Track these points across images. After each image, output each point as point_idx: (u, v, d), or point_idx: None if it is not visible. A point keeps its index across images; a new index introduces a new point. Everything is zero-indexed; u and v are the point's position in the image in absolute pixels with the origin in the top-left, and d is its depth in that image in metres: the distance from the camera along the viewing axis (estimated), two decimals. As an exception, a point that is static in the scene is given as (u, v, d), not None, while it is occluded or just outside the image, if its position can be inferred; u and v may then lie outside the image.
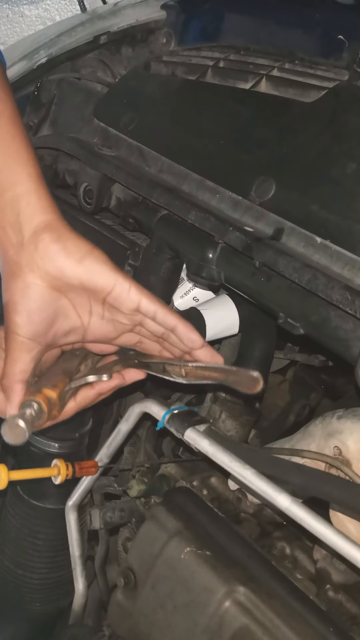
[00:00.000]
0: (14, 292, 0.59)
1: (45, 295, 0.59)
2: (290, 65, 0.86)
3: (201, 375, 0.68)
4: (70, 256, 0.59)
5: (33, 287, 0.58)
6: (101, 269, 0.61)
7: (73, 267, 0.59)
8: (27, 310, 0.59)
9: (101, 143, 0.94)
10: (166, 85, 0.94)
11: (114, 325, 0.65)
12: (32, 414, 0.61)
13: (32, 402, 0.61)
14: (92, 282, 0.60)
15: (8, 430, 0.60)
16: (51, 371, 0.67)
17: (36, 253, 0.58)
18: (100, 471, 0.86)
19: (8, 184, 0.58)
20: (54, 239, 0.59)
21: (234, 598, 0.76)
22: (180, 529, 0.83)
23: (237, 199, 0.77)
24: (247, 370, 0.66)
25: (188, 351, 0.67)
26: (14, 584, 1.00)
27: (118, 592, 0.87)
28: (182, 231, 0.85)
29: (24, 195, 0.58)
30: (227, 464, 0.68)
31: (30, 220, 0.58)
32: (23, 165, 0.59)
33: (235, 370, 0.67)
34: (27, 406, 0.61)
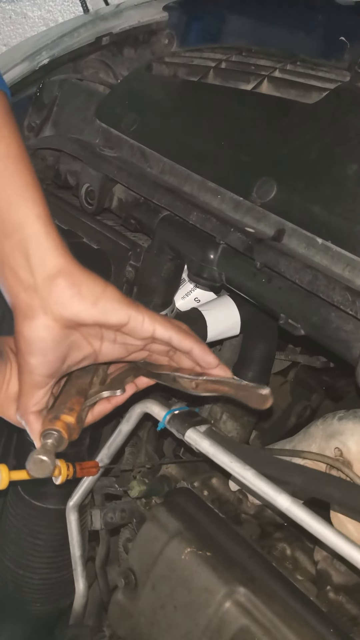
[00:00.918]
0: (28, 333, 0.59)
1: (59, 335, 0.60)
2: (291, 66, 0.86)
3: (211, 389, 0.68)
4: (85, 300, 0.59)
5: (47, 329, 0.59)
6: (114, 307, 0.61)
7: (88, 311, 0.60)
8: (42, 351, 0.60)
9: (103, 144, 0.94)
10: (168, 87, 0.94)
11: (126, 347, 0.66)
12: (54, 443, 0.62)
13: (52, 431, 0.62)
14: (106, 321, 0.61)
15: (34, 467, 0.62)
16: (65, 392, 0.67)
17: (50, 298, 0.58)
18: (101, 472, 0.86)
19: (17, 226, 0.58)
20: (68, 284, 0.58)
21: (234, 599, 0.76)
22: (181, 529, 0.83)
23: (238, 200, 0.78)
24: (257, 387, 0.66)
25: (201, 371, 0.68)
26: (15, 584, 1.00)
27: (118, 593, 0.87)
28: (184, 232, 0.85)
29: (33, 237, 0.58)
30: (228, 465, 0.68)
31: (42, 263, 0.58)
32: (31, 205, 0.59)
33: (245, 386, 0.67)
34: (47, 437, 0.62)
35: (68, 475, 0.80)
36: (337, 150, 0.72)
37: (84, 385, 0.68)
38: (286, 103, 0.80)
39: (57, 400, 0.67)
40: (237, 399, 0.68)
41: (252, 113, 0.82)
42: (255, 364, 1.01)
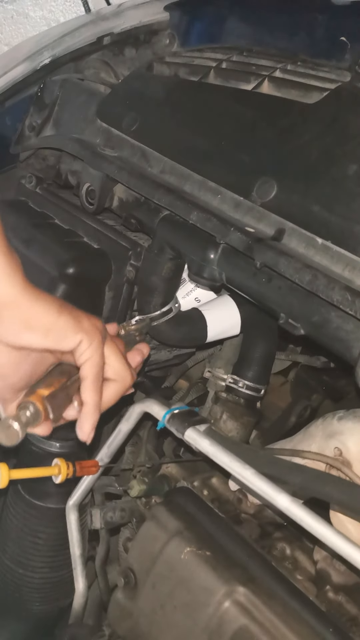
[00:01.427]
0: None
1: (17, 358, 0.61)
2: (292, 66, 0.86)
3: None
4: (35, 332, 0.60)
5: (3, 354, 0.60)
6: (66, 335, 0.61)
7: (38, 341, 0.60)
8: (2, 375, 0.61)
9: (104, 144, 0.95)
10: (169, 86, 0.94)
11: None
12: (28, 415, 0.62)
13: (27, 403, 0.62)
14: (58, 348, 0.62)
15: (1, 433, 0.61)
16: (50, 373, 0.67)
17: (2, 326, 0.59)
18: (101, 471, 0.86)
19: None
20: (16, 317, 0.59)
21: (233, 598, 0.76)
22: (181, 529, 0.84)
23: (238, 200, 0.78)
24: None
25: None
26: (15, 584, 1.00)
27: (118, 592, 0.87)
28: (184, 232, 0.85)
29: None
30: (227, 464, 0.68)
31: None
32: None
33: None
34: (22, 408, 0.62)
35: (68, 474, 0.80)
36: (337, 150, 0.72)
37: (69, 369, 0.68)
38: (286, 103, 0.80)
39: (38, 382, 0.67)
40: None
41: (253, 113, 0.82)
42: (255, 364, 1.01)
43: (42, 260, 0.95)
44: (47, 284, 0.93)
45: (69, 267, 0.92)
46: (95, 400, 0.66)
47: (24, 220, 1.02)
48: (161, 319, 0.89)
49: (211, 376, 1.05)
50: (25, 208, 1.07)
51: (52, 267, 0.93)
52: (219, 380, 1.04)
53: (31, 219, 1.03)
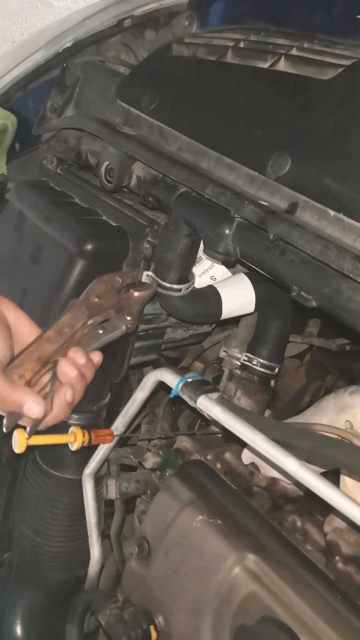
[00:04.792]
0: None
1: None
2: (309, 44, 0.87)
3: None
4: None
5: None
6: None
7: None
8: None
9: (123, 123, 0.96)
10: (187, 66, 0.96)
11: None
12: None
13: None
14: None
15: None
16: (28, 352, 0.72)
17: None
18: (117, 440, 0.88)
19: None
20: None
21: (243, 565, 0.78)
22: (193, 498, 0.85)
23: (253, 175, 0.79)
24: None
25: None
26: (33, 552, 1.03)
27: (132, 560, 0.90)
28: (200, 208, 0.86)
29: None
30: (238, 430, 0.70)
31: None
32: None
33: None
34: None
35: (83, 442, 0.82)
36: (351, 125, 0.72)
37: (47, 351, 0.72)
38: (302, 79, 0.81)
39: (14, 362, 0.70)
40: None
41: (268, 90, 0.83)
42: (270, 342, 1.02)
43: (61, 236, 0.97)
44: (66, 260, 0.96)
45: (87, 243, 0.94)
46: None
47: (45, 199, 1.05)
48: (169, 291, 0.90)
49: (226, 355, 1.07)
50: (46, 187, 1.10)
51: (71, 243, 0.95)
52: (234, 359, 1.05)
53: (52, 198, 1.05)
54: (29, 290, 1.00)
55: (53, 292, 0.96)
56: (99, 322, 0.80)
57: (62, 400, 0.71)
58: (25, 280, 1.01)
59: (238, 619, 0.76)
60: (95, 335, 0.79)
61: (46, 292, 0.97)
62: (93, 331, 0.79)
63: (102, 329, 0.79)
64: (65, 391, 0.71)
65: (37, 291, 0.99)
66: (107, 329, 0.80)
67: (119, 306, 0.83)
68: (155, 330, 1.04)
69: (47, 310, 0.95)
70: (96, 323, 0.80)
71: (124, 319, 0.81)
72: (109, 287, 0.84)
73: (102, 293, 0.83)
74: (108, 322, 0.81)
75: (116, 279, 0.86)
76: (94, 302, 0.81)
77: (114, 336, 0.80)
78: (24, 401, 0.67)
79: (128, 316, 0.82)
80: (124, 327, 0.81)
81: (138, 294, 0.86)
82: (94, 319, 0.79)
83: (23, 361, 0.71)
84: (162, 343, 1.07)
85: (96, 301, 0.81)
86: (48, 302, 0.96)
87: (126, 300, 0.84)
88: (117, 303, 0.83)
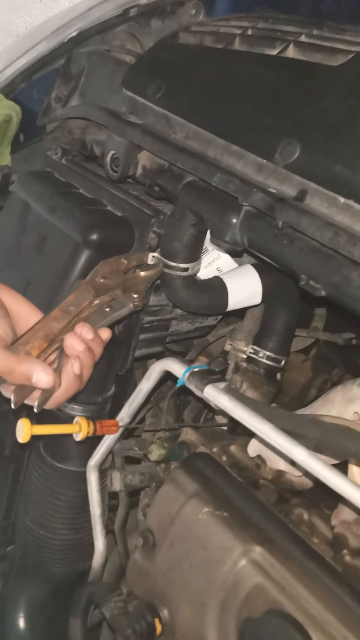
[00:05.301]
0: None
1: None
2: (318, 31, 0.86)
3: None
4: None
5: None
6: None
7: None
8: None
9: (129, 111, 0.95)
10: (194, 54, 0.95)
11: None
12: None
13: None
14: None
15: None
16: (34, 330, 0.71)
17: None
18: (121, 431, 0.87)
19: None
20: None
21: (250, 557, 0.77)
22: (199, 490, 0.85)
23: (261, 162, 0.78)
24: None
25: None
26: (35, 544, 1.02)
27: (136, 553, 0.89)
28: (206, 196, 0.85)
29: None
30: (246, 419, 0.69)
31: None
32: None
33: None
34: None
35: (88, 432, 0.81)
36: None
37: (54, 329, 0.70)
38: (311, 66, 0.80)
39: (20, 340, 0.69)
40: None
41: (277, 77, 0.82)
42: (276, 334, 1.01)
43: (66, 226, 0.96)
44: (71, 250, 0.95)
45: (92, 233, 0.93)
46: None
47: (50, 189, 1.04)
48: (176, 272, 0.89)
49: (232, 348, 1.06)
50: (51, 178, 1.09)
51: (76, 233, 0.94)
52: (240, 352, 1.04)
53: (56, 188, 1.04)
54: (34, 280, 0.99)
55: (58, 282, 0.95)
56: (106, 301, 0.79)
57: (70, 373, 0.70)
58: (29, 270, 1.01)
59: (244, 612, 0.75)
60: (102, 312, 0.78)
61: (51, 282, 0.96)
62: (100, 309, 0.78)
63: (109, 307, 0.79)
64: (73, 363, 0.70)
65: (42, 281, 0.98)
66: (114, 308, 0.79)
67: (125, 286, 0.82)
68: (161, 322, 1.03)
69: (51, 300, 0.94)
70: (103, 302, 0.79)
71: (131, 297, 0.80)
72: (114, 269, 0.83)
73: (108, 274, 0.82)
74: (115, 300, 0.80)
75: (122, 261, 0.85)
76: (100, 283, 0.80)
77: (122, 314, 0.79)
78: (33, 371, 0.65)
79: (135, 294, 0.81)
80: (131, 305, 0.80)
81: (144, 274, 0.85)
82: (101, 298, 0.79)
83: (29, 339, 0.69)
84: (167, 335, 1.06)
85: (102, 281, 0.81)
86: (53, 291, 0.95)
87: (132, 280, 0.84)
88: (123, 283, 0.82)
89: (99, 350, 0.74)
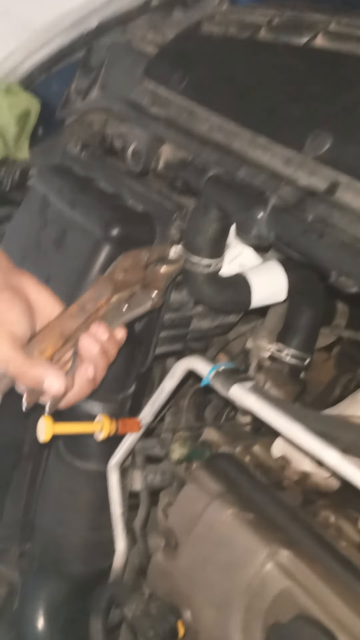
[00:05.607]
0: None
1: None
2: (347, 19, 0.83)
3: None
4: None
5: None
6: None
7: None
8: None
9: (151, 103, 0.93)
10: (218, 44, 0.93)
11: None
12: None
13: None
14: None
15: None
16: (50, 327, 0.69)
17: None
18: (143, 430, 0.85)
19: None
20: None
21: (276, 560, 0.75)
22: (222, 491, 0.83)
23: (290, 154, 0.75)
24: None
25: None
26: (55, 543, 1.01)
27: (158, 553, 0.87)
28: (231, 190, 0.83)
29: None
30: (274, 421, 0.67)
31: None
32: None
33: None
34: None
35: (110, 431, 0.80)
36: None
37: (69, 327, 0.69)
38: (341, 56, 0.78)
39: (36, 337, 0.67)
40: None
41: (306, 67, 0.80)
42: (300, 332, 0.99)
43: (87, 221, 0.95)
44: (91, 245, 0.93)
45: (113, 228, 0.92)
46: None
47: (69, 184, 1.02)
48: (199, 268, 0.87)
49: (254, 346, 1.04)
50: (70, 172, 1.07)
51: (97, 229, 0.93)
52: (263, 350, 1.02)
53: (76, 183, 1.03)
54: (53, 276, 0.98)
55: (78, 278, 0.93)
56: (124, 298, 0.78)
57: (84, 377, 0.68)
58: (49, 265, 0.99)
59: (270, 617, 0.73)
60: (120, 311, 0.76)
61: (71, 278, 0.94)
62: (117, 307, 0.76)
63: (127, 304, 0.77)
64: (87, 367, 0.68)
65: (62, 277, 0.96)
66: (131, 305, 0.77)
67: (145, 282, 0.80)
68: (182, 319, 1.02)
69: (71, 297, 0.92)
70: (121, 299, 0.77)
71: (150, 294, 0.78)
72: (134, 263, 0.81)
73: (128, 269, 0.80)
74: (133, 298, 0.78)
75: (142, 255, 0.83)
76: (119, 278, 0.78)
77: (140, 312, 0.78)
78: (44, 377, 0.64)
79: (154, 292, 0.79)
80: (150, 303, 0.78)
81: (165, 269, 0.83)
82: (119, 294, 0.77)
83: (44, 337, 0.68)
84: (187, 333, 1.04)
85: (121, 277, 0.79)
86: (73, 287, 0.93)
87: (152, 275, 0.82)
88: (143, 279, 0.80)
89: (113, 352, 0.73)
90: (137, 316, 0.79)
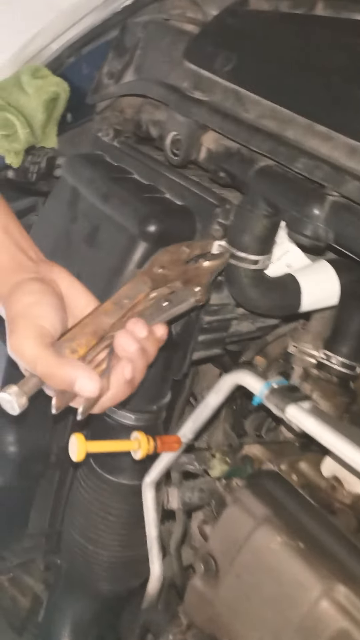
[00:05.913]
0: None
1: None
2: None
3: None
4: None
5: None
6: None
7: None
8: None
9: (193, 87, 0.85)
10: (268, 21, 0.84)
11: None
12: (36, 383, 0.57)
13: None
14: None
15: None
16: (82, 324, 0.61)
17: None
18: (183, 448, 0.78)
19: None
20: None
21: (332, 597, 0.68)
22: (269, 515, 0.76)
23: (354, 145, 0.67)
24: None
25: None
26: (83, 559, 0.96)
27: (196, 579, 0.81)
28: (284, 184, 0.75)
29: None
30: (338, 448, 0.59)
31: None
32: None
33: None
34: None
35: (148, 450, 0.73)
36: None
37: (104, 325, 0.61)
38: None
39: (67, 335, 0.60)
40: None
41: (372, 45, 0.71)
42: (351, 339, 0.91)
43: (121, 216, 0.88)
44: (126, 242, 0.86)
45: (150, 224, 0.84)
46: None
47: (101, 175, 0.95)
48: (244, 264, 0.79)
49: (297, 351, 0.96)
50: (102, 162, 1.00)
51: (132, 224, 0.86)
52: (308, 356, 0.94)
53: (109, 173, 0.95)
54: (84, 274, 0.90)
55: (111, 277, 0.87)
56: (164, 294, 0.70)
57: (120, 378, 0.60)
58: (80, 262, 0.92)
59: (326, 660, 0.66)
60: (159, 307, 0.68)
61: (103, 277, 0.87)
62: (156, 303, 0.68)
63: (168, 300, 0.69)
64: (124, 367, 0.60)
65: (93, 275, 0.89)
66: (173, 301, 0.69)
67: (186, 277, 0.72)
68: (221, 322, 0.94)
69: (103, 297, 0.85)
70: (160, 295, 0.69)
71: (192, 290, 0.71)
72: (174, 258, 0.74)
73: (167, 264, 0.72)
74: (174, 294, 0.70)
75: (183, 249, 0.75)
76: (157, 273, 0.71)
77: (181, 309, 0.69)
78: (76, 378, 0.56)
79: (197, 287, 0.71)
80: (193, 299, 0.70)
81: (208, 264, 0.75)
82: (158, 290, 0.69)
83: (76, 335, 0.60)
84: (226, 336, 0.97)
85: (160, 272, 0.71)
86: (105, 287, 0.86)
87: (194, 271, 0.74)
88: (184, 274, 0.73)
89: (153, 351, 0.64)
90: (178, 314, 0.70)
